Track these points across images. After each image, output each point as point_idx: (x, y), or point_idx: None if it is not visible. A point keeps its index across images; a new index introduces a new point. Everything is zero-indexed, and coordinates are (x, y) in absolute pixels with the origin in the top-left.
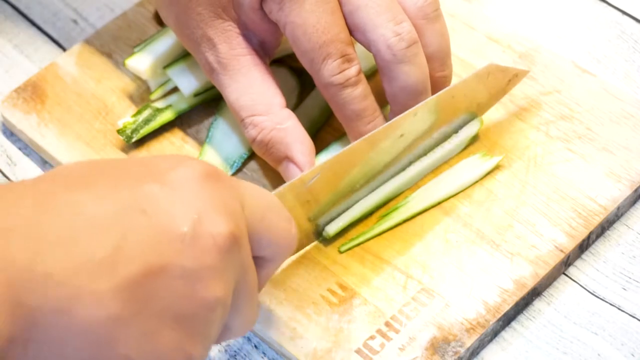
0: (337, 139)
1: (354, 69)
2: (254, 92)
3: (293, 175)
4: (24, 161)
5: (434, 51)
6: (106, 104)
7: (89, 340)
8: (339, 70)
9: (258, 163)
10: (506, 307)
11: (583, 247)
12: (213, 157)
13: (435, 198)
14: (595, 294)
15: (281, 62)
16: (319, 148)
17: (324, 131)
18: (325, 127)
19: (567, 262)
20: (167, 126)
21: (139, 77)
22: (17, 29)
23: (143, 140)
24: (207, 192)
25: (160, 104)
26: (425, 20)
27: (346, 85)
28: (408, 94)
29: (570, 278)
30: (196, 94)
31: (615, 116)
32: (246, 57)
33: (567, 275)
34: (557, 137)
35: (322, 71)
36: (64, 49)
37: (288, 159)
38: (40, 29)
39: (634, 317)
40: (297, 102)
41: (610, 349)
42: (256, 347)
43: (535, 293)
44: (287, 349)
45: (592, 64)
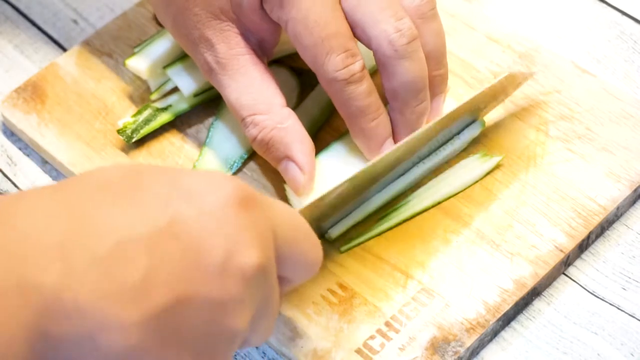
0: (338, 139)
1: (358, 64)
2: (254, 91)
3: (293, 174)
4: (24, 161)
5: (430, 50)
6: (106, 104)
7: None
8: (343, 65)
9: (257, 163)
10: (506, 307)
11: (583, 247)
12: (213, 159)
13: (435, 198)
14: (595, 293)
15: (281, 62)
16: (319, 148)
17: (324, 131)
18: (325, 127)
19: (566, 262)
20: (167, 126)
21: (139, 77)
22: (17, 29)
23: (143, 140)
24: (241, 220)
25: (160, 104)
26: (422, 20)
27: (351, 81)
28: (408, 90)
29: (570, 278)
30: (196, 94)
31: (615, 116)
32: (245, 56)
33: (567, 275)
34: (557, 137)
35: (325, 66)
36: (64, 49)
37: (288, 158)
38: (40, 29)
39: (633, 317)
40: (297, 102)
41: (610, 348)
42: (256, 347)
43: (535, 293)
44: (287, 349)
45: (591, 64)
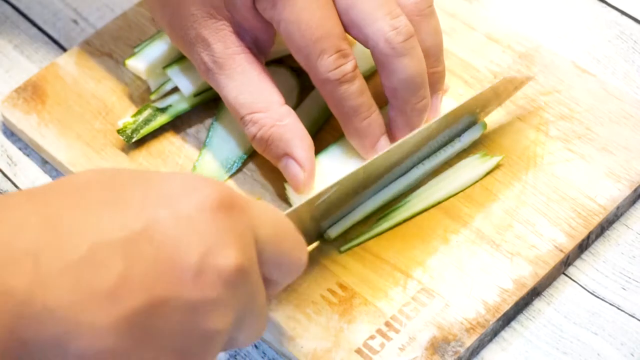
0: (336, 141)
1: (350, 64)
2: (252, 89)
3: (293, 171)
4: (24, 161)
5: (428, 47)
6: (106, 104)
7: None
8: (335, 65)
9: (257, 163)
10: (506, 307)
11: (583, 247)
12: (212, 159)
13: (435, 198)
14: (595, 293)
15: (281, 62)
16: (319, 148)
17: (324, 131)
18: (325, 127)
19: (566, 262)
20: (167, 126)
21: (139, 77)
22: (18, 29)
23: (143, 140)
24: (218, 223)
25: (160, 104)
26: (420, 17)
27: (343, 81)
28: (407, 87)
29: (570, 278)
30: (196, 94)
31: (615, 116)
32: (241, 55)
33: (566, 275)
34: (557, 137)
35: (318, 67)
36: (64, 49)
37: (288, 155)
38: (40, 29)
39: (633, 317)
40: (297, 102)
41: (610, 348)
42: (256, 347)
43: (535, 293)
44: (287, 349)
45: (591, 64)
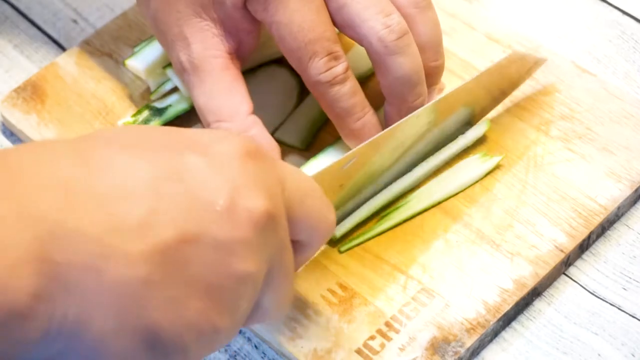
0: (335, 142)
1: (341, 66)
2: (221, 96)
3: None
4: None
5: (426, 41)
6: (106, 104)
7: (117, 300)
8: (325, 68)
9: None
10: (506, 307)
11: (583, 247)
12: None
13: (436, 198)
14: (596, 294)
15: (281, 62)
16: (319, 148)
17: (324, 131)
18: (325, 127)
19: (567, 262)
20: (167, 126)
21: (139, 77)
22: (17, 29)
23: None
24: (248, 168)
25: (160, 104)
26: (417, 10)
27: (334, 83)
28: (403, 85)
29: (571, 278)
30: None
31: (616, 116)
32: (218, 59)
33: (567, 275)
34: (557, 137)
35: (309, 70)
36: (64, 49)
37: None
38: (40, 29)
39: (634, 317)
40: (297, 102)
41: (611, 349)
42: (256, 347)
43: (535, 293)
44: (287, 349)
45: (592, 64)
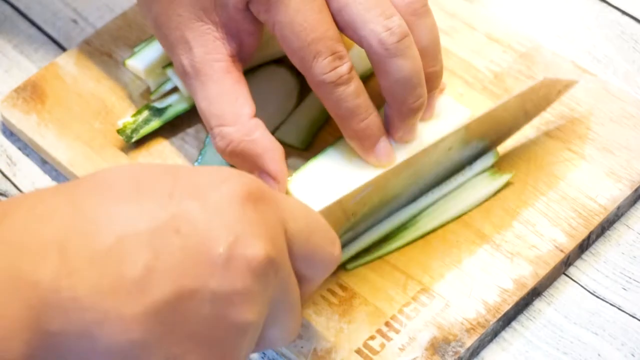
0: (336, 142)
1: (346, 66)
2: (223, 100)
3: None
4: (23, 161)
5: (424, 46)
6: (106, 104)
7: None
8: (330, 68)
9: None
10: (506, 307)
11: (583, 247)
12: (212, 159)
13: (444, 218)
14: (596, 294)
15: (281, 62)
16: (319, 148)
17: (324, 131)
18: (325, 127)
19: (567, 262)
20: (167, 126)
21: (139, 77)
22: (17, 29)
23: (143, 140)
24: (248, 213)
25: (160, 103)
26: (415, 17)
27: (338, 83)
28: (403, 87)
29: (571, 278)
30: None
31: (616, 116)
32: (220, 63)
33: (567, 275)
34: (558, 137)
35: (313, 69)
36: (64, 49)
37: (260, 170)
38: (40, 28)
39: (634, 317)
40: (297, 102)
41: (611, 349)
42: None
43: (535, 293)
44: (287, 349)
45: (592, 64)
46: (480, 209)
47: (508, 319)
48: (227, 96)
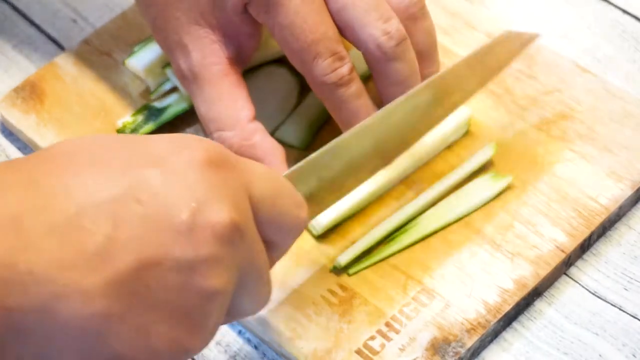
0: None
1: (346, 67)
2: (221, 105)
3: None
4: None
5: (422, 49)
6: (105, 104)
7: (76, 339)
8: (330, 69)
9: None
10: (507, 308)
11: (584, 247)
12: None
13: (446, 220)
14: (597, 294)
15: (281, 62)
16: (319, 148)
17: (324, 131)
18: (326, 127)
19: (568, 262)
20: (166, 126)
21: (139, 77)
22: (16, 28)
23: None
24: (209, 178)
25: (160, 103)
26: (412, 21)
27: (339, 85)
28: (400, 91)
29: (572, 278)
30: None
31: (617, 116)
32: (217, 66)
33: (568, 276)
34: (558, 137)
35: (313, 71)
36: (63, 49)
37: None
38: (39, 28)
39: (635, 317)
40: (297, 102)
41: (612, 349)
42: (256, 347)
43: (536, 293)
44: (287, 349)
45: (593, 64)
46: (481, 209)
47: (509, 319)
48: (225, 100)
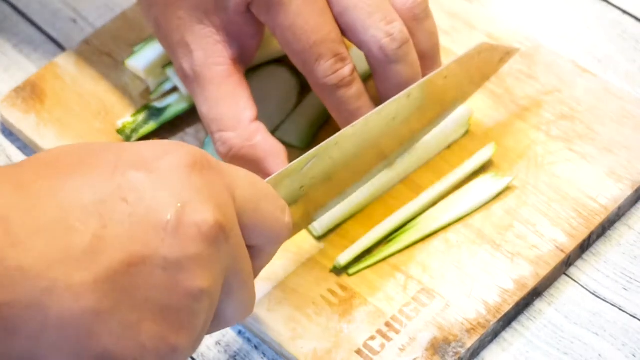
0: None
1: (348, 68)
2: (223, 105)
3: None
4: None
5: (424, 50)
6: (106, 104)
7: (65, 335)
8: (332, 70)
9: None
10: (507, 308)
11: (584, 247)
12: None
13: (445, 220)
14: (596, 294)
15: (281, 62)
16: None
17: (324, 131)
18: (326, 127)
19: (567, 262)
20: (166, 126)
21: (139, 77)
22: (17, 28)
23: (142, 140)
24: (194, 181)
25: (160, 103)
26: (416, 21)
27: (340, 86)
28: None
29: (571, 278)
30: None
31: (616, 116)
32: (220, 67)
33: (567, 276)
34: (558, 137)
35: (315, 72)
36: (63, 49)
37: (263, 174)
38: (39, 28)
39: (635, 317)
40: (297, 102)
41: (611, 349)
42: (256, 347)
43: (535, 293)
44: (287, 349)
45: (592, 64)
46: (481, 209)
47: (508, 319)
48: (227, 100)
